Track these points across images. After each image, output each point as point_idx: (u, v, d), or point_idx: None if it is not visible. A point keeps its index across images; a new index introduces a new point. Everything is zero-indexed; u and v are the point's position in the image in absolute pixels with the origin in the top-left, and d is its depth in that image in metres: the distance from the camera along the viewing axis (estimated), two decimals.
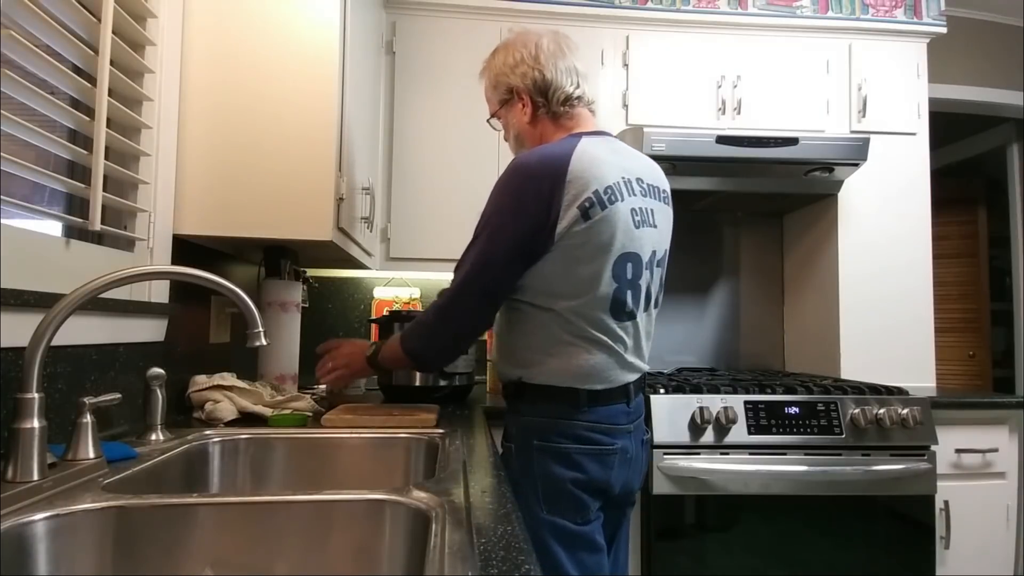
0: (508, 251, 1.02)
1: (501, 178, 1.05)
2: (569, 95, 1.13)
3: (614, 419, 1.06)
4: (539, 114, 1.14)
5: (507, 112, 1.18)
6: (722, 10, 2.05)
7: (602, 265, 1.02)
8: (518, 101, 1.15)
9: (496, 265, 1.03)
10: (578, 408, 1.03)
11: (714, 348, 2.34)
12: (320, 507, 0.68)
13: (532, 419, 1.06)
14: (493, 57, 1.20)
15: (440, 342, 1.11)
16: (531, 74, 1.12)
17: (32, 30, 0.82)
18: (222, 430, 1.05)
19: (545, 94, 1.13)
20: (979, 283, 3.49)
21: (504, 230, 1.02)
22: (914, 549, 1.59)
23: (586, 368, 1.04)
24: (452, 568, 0.48)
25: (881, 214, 2.07)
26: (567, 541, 1.01)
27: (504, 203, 1.03)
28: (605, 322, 1.04)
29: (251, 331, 0.83)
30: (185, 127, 1.21)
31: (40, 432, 0.67)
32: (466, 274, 1.05)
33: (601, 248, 1.02)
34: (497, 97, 1.19)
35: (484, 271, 1.04)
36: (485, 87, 1.23)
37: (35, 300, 0.78)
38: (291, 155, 1.24)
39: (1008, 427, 1.75)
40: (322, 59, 1.25)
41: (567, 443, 1.03)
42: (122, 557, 0.64)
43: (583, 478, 1.02)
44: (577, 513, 1.02)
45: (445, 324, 1.09)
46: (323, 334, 2.16)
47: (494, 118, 1.24)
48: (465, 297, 1.06)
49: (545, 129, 1.15)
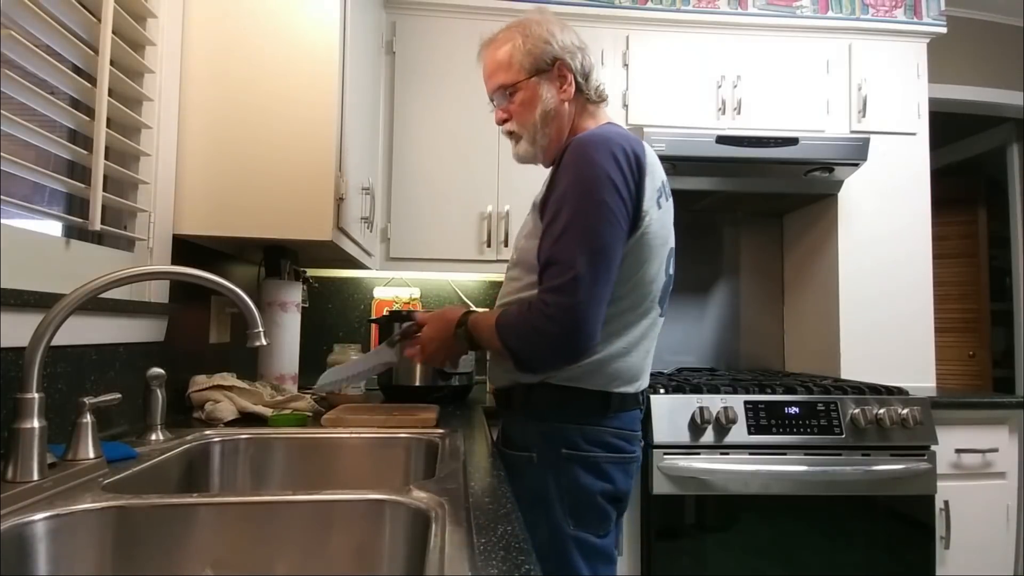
0: (618, 234, 0.92)
1: (579, 160, 0.94)
2: (602, 89, 1.09)
3: (634, 425, 1.03)
4: (580, 97, 1.06)
5: (539, 84, 1.04)
6: (722, 10, 2.05)
7: (664, 257, 1.01)
8: (558, 76, 1.04)
9: (612, 250, 0.91)
10: (606, 413, 0.98)
11: (714, 348, 2.34)
12: (320, 507, 0.68)
13: (557, 425, 0.97)
14: (521, 24, 1.07)
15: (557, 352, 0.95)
16: (579, 56, 1.05)
17: (32, 30, 0.82)
18: (222, 430, 1.05)
19: (588, 79, 1.06)
20: (979, 283, 3.49)
21: (608, 209, 0.90)
22: (914, 549, 1.59)
23: (624, 370, 0.98)
24: (452, 568, 0.48)
25: (881, 214, 2.07)
26: (590, 555, 0.97)
27: (598, 181, 0.91)
28: (653, 319, 1.01)
29: (251, 331, 0.83)
30: (185, 127, 1.21)
31: (40, 432, 0.67)
32: (582, 265, 0.89)
33: (664, 240, 1.00)
34: (532, 64, 1.04)
35: (601, 258, 0.90)
36: (504, 53, 1.06)
37: (35, 300, 0.78)
38: (291, 155, 1.24)
39: (1008, 427, 1.75)
40: (322, 59, 1.25)
41: (596, 451, 0.97)
42: (122, 557, 0.64)
43: (611, 489, 0.98)
44: (600, 525, 0.98)
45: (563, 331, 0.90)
46: (323, 334, 2.16)
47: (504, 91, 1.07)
48: (589, 287, 0.89)
49: (581, 115, 1.07)
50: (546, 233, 0.95)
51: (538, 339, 0.93)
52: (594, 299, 0.90)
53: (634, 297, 0.98)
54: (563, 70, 1.05)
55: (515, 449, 1.01)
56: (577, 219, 0.91)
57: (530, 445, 0.99)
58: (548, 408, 0.99)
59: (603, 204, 0.91)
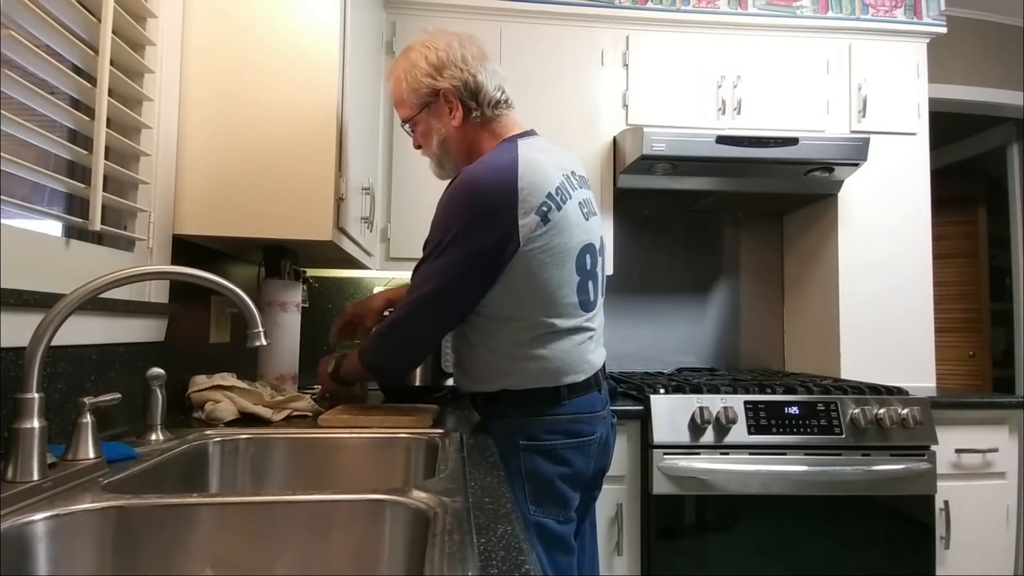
0: (467, 271, 1.01)
1: (451, 194, 1.03)
2: (499, 100, 1.11)
3: (592, 407, 1.09)
4: (471, 119, 1.11)
5: (429, 117, 1.13)
6: (722, 10, 2.05)
7: (568, 263, 1.04)
8: (445, 105, 1.11)
9: (455, 285, 1.02)
10: (559, 403, 1.05)
11: (714, 348, 2.34)
12: (320, 507, 0.68)
13: (516, 420, 1.06)
14: (406, 57, 1.13)
15: (400, 357, 1.12)
16: (460, 76, 1.08)
17: (32, 30, 0.82)
18: (222, 430, 1.05)
19: (476, 98, 1.09)
20: (979, 283, 3.49)
21: (463, 247, 1.00)
22: (914, 549, 1.59)
23: (563, 365, 1.05)
24: (452, 568, 0.48)
25: (881, 214, 2.07)
26: (547, 541, 1.03)
27: (460, 219, 1.00)
28: (575, 316, 1.06)
29: (251, 331, 0.83)
30: (185, 127, 1.21)
31: (40, 432, 0.67)
32: (425, 294, 1.04)
33: (565, 247, 1.03)
34: (418, 100, 1.12)
35: (442, 292, 1.03)
36: (397, 90, 1.15)
37: (35, 300, 0.78)
38: (291, 155, 1.24)
39: (1008, 427, 1.75)
40: (322, 59, 1.25)
41: (553, 438, 1.04)
42: (122, 557, 0.64)
43: (568, 472, 1.04)
44: (561, 510, 1.04)
45: (403, 341, 1.09)
46: (323, 334, 2.16)
47: (408, 124, 1.18)
48: (424, 315, 1.05)
49: (477, 135, 1.12)
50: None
51: (380, 344, 1.12)
52: (429, 316, 1.06)
53: (543, 303, 1.03)
54: (448, 97, 1.10)
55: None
56: (432, 250, 1.04)
57: (496, 439, 1.07)
58: (508, 407, 1.07)
59: (456, 240, 1.00)
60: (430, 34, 1.14)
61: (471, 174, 1.02)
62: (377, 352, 1.13)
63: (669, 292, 2.33)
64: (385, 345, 1.11)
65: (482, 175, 1.01)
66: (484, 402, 1.13)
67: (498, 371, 1.07)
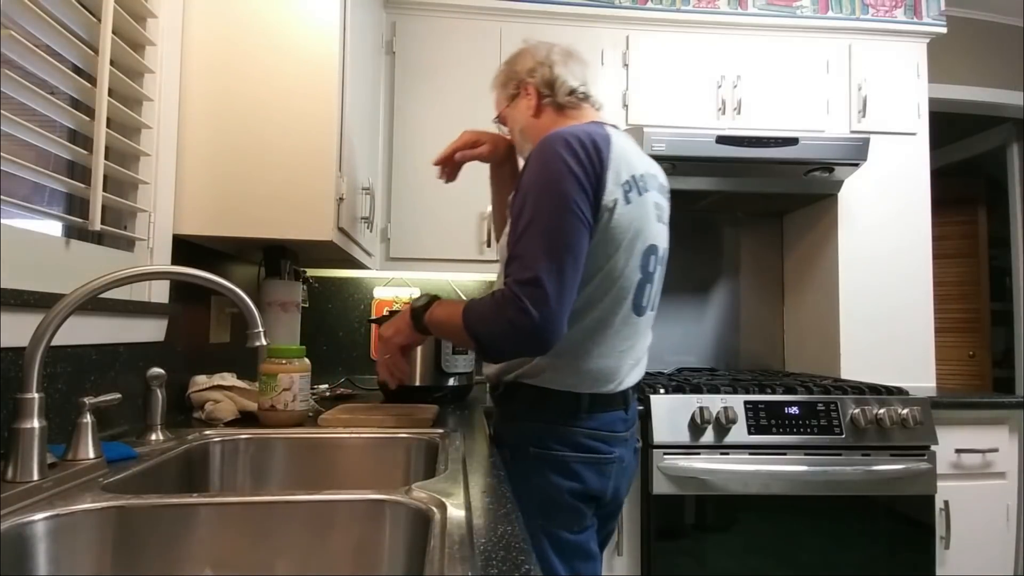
0: (580, 225, 0.92)
1: (540, 152, 0.95)
2: (574, 88, 1.11)
3: (612, 426, 1.03)
4: (544, 104, 1.13)
5: (513, 108, 1.18)
6: (722, 10, 2.05)
7: (634, 253, 0.99)
8: (524, 95, 1.15)
9: (576, 242, 0.91)
10: (578, 414, 0.99)
11: (714, 348, 2.34)
12: (320, 507, 0.68)
13: (528, 424, 1.01)
14: (506, 61, 1.21)
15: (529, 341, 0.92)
16: (540, 71, 1.13)
17: (32, 30, 0.82)
18: (222, 430, 1.05)
19: (551, 86, 1.12)
20: (979, 283, 3.49)
21: (570, 200, 0.91)
22: (914, 549, 1.59)
23: (595, 370, 0.99)
24: (452, 568, 0.48)
25: (881, 214, 2.07)
26: (563, 550, 0.98)
27: (557, 172, 0.92)
28: (625, 317, 1.00)
29: (251, 331, 0.83)
30: (185, 127, 1.21)
31: (40, 432, 0.67)
32: (546, 260, 0.89)
33: (636, 235, 0.98)
34: (506, 94, 1.19)
35: (566, 251, 0.90)
36: (496, 90, 1.23)
37: (35, 300, 0.78)
38: (291, 155, 1.24)
39: (1008, 427, 1.75)
40: (322, 59, 1.25)
41: (565, 451, 0.99)
42: (122, 557, 0.64)
43: (579, 488, 0.99)
44: (574, 522, 0.99)
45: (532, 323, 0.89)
46: (323, 334, 2.17)
47: (499, 119, 1.24)
48: (552, 286, 0.89)
49: (551, 119, 1.12)
50: (511, 229, 0.95)
51: (506, 329, 0.91)
52: (561, 293, 0.90)
53: (600, 291, 0.97)
54: (527, 89, 1.15)
55: (497, 445, 1.05)
56: (540, 213, 0.92)
57: (505, 443, 1.04)
58: (522, 408, 1.03)
59: (564, 195, 0.92)
60: (526, 44, 1.20)
61: (559, 131, 0.96)
62: (491, 322, 0.93)
63: (669, 292, 2.32)
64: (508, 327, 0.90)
65: (571, 132, 0.96)
66: (501, 396, 1.07)
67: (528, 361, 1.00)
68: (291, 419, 1.12)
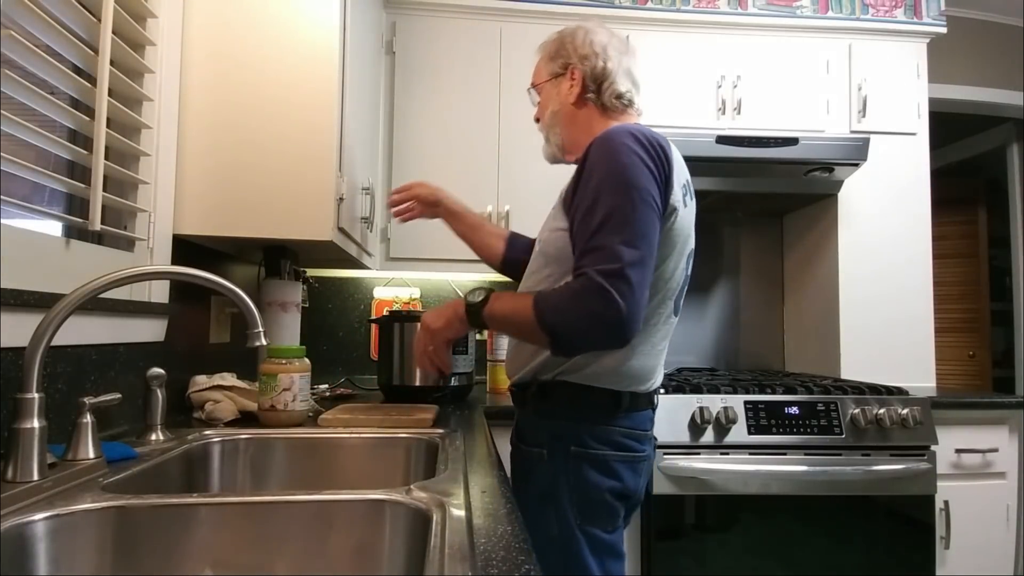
0: (655, 218, 0.91)
1: (606, 146, 0.94)
2: (621, 93, 1.09)
3: (644, 425, 1.04)
4: (587, 99, 1.10)
5: (552, 86, 1.14)
6: (722, 10, 2.05)
7: (683, 256, 1.01)
8: (568, 79, 1.11)
9: (652, 234, 0.91)
10: (617, 413, 0.99)
11: (714, 348, 2.34)
12: (320, 507, 0.68)
13: (566, 423, 0.99)
14: (558, 33, 1.16)
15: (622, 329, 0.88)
16: (593, 60, 1.09)
17: (32, 30, 0.82)
18: (222, 430, 1.05)
19: (599, 84, 1.08)
20: (979, 283, 3.49)
21: (646, 192, 0.90)
22: (914, 549, 1.59)
23: (637, 368, 0.99)
24: (452, 568, 0.48)
25: (881, 214, 2.07)
26: (599, 550, 0.98)
27: (631, 164, 0.91)
28: (667, 317, 1.02)
29: (251, 331, 0.83)
30: (185, 127, 1.21)
31: (40, 432, 0.67)
32: (630, 252, 0.87)
33: (685, 239, 1.01)
34: (549, 69, 1.14)
35: (645, 244, 0.89)
36: (541, 56, 1.18)
37: (35, 300, 0.78)
38: (291, 155, 1.24)
39: (1008, 427, 1.75)
40: (322, 59, 1.25)
41: (605, 450, 0.98)
42: (122, 557, 0.64)
43: (619, 487, 0.99)
44: (608, 521, 0.99)
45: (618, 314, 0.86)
46: (323, 334, 2.17)
47: (534, 88, 1.19)
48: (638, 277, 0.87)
49: (592, 116, 1.10)
50: (583, 223, 0.92)
51: (589, 321, 0.88)
52: (643, 284, 0.89)
53: (652, 290, 0.96)
54: (573, 74, 1.10)
55: (528, 445, 1.04)
56: (618, 205, 0.90)
57: (542, 442, 1.01)
58: (559, 406, 1.00)
59: (640, 187, 0.91)
60: (595, 22, 1.16)
61: (624, 126, 0.96)
62: (569, 312, 0.89)
63: None
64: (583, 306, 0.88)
65: (639, 128, 0.96)
66: (534, 395, 1.03)
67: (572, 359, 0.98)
68: (291, 419, 1.12)
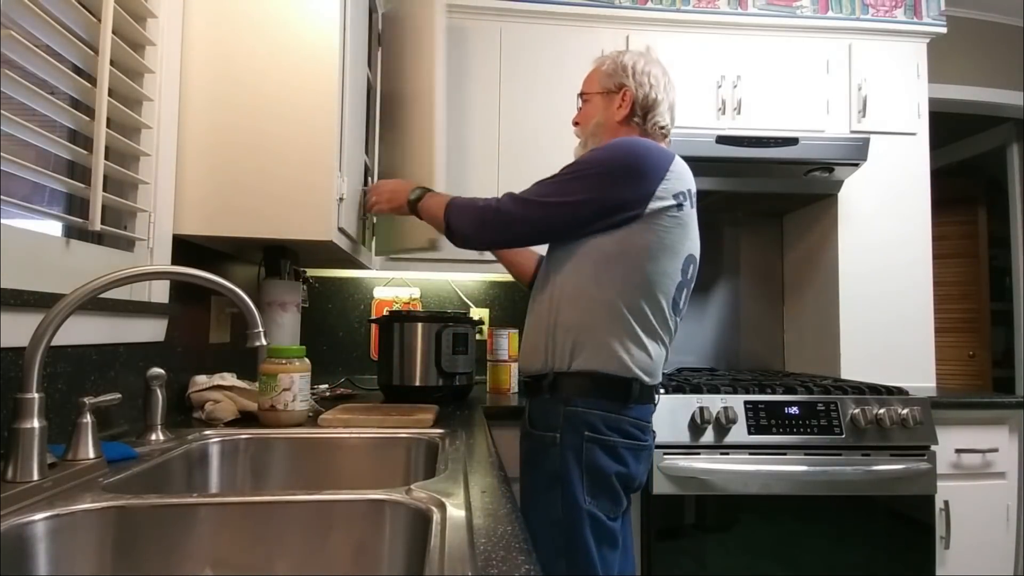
0: (585, 201, 1.08)
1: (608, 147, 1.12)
2: (663, 125, 1.22)
3: (647, 416, 1.15)
4: (633, 121, 1.21)
5: (603, 99, 1.23)
6: (722, 10, 2.05)
7: (679, 258, 1.12)
8: (620, 99, 1.21)
9: (567, 208, 1.09)
10: (628, 402, 1.09)
11: (714, 348, 2.34)
12: (320, 507, 0.68)
13: (581, 410, 1.08)
14: (620, 53, 1.26)
15: (484, 237, 1.19)
16: (648, 91, 1.20)
17: (32, 30, 0.82)
18: (222, 430, 1.05)
19: (646, 113, 1.20)
20: (979, 283, 3.49)
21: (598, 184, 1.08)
22: (914, 549, 1.59)
23: (645, 361, 1.10)
24: (452, 568, 0.48)
25: (881, 214, 2.07)
26: (600, 533, 1.06)
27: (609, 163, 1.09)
28: (666, 316, 1.13)
29: (251, 331, 0.83)
30: (185, 127, 1.21)
31: (40, 432, 0.67)
32: (543, 201, 1.11)
33: (682, 243, 1.11)
34: (603, 84, 1.23)
35: (557, 208, 1.10)
36: (597, 67, 1.27)
37: (35, 300, 0.78)
38: (291, 155, 1.24)
39: (1008, 427, 1.75)
40: (323, 58, 1.25)
41: (615, 437, 1.09)
42: (122, 557, 0.64)
43: (625, 472, 1.09)
44: (613, 506, 1.09)
45: (497, 229, 1.15)
46: (323, 334, 2.17)
47: (583, 96, 1.28)
48: (528, 216, 1.11)
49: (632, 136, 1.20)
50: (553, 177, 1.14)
51: (472, 215, 1.17)
52: (516, 223, 1.12)
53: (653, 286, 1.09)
54: (625, 95, 1.21)
55: (540, 430, 1.13)
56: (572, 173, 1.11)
57: (555, 427, 1.10)
58: (574, 394, 1.10)
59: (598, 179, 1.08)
60: (649, 54, 1.26)
61: (633, 139, 1.14)
62: (470, 226, 1.18)
63: None
64: (479, 222, 1.16)
65: (645, 142, 1.13)
66: (549, 385, 1.13)
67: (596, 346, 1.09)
68: (291, 419, 1.12)
